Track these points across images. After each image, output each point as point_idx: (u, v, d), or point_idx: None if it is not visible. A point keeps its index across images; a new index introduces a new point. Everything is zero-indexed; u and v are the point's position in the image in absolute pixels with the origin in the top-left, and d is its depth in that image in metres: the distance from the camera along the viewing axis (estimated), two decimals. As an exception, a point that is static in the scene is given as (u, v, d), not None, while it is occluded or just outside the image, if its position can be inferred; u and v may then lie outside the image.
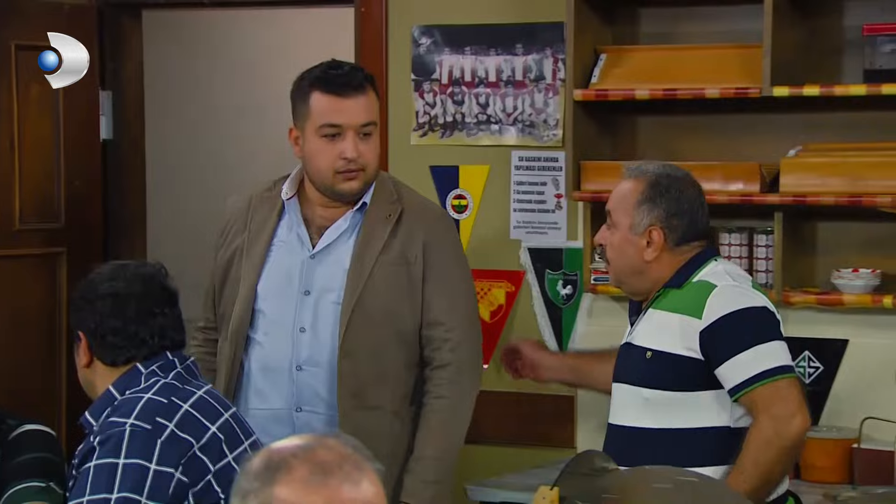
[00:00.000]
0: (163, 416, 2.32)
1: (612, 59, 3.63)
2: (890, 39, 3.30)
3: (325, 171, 2.81)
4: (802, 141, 3.48)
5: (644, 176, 2.73)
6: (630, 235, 2.70)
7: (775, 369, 2.57)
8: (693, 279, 2.68)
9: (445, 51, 3.92)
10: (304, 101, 2.82)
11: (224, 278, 2.94)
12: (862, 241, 3.48)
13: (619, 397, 2.73)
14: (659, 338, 2.66)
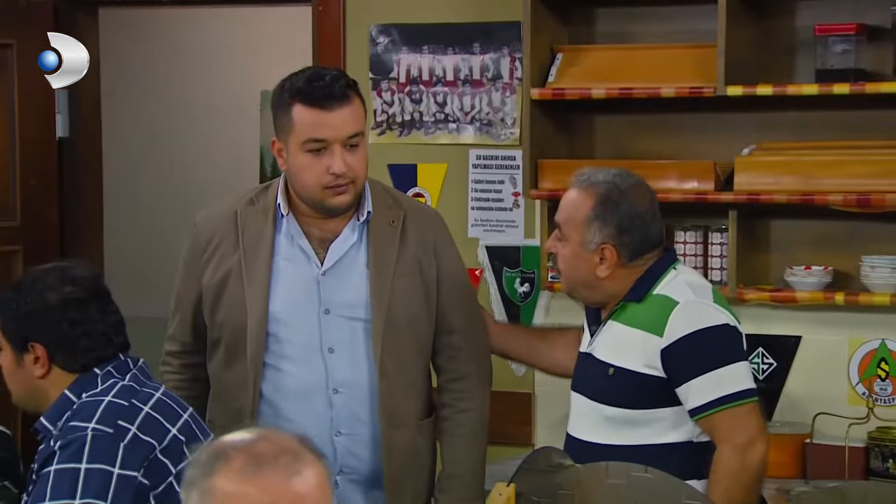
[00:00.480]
0: (124, 420, 2.31)
1: (569, 58, 3.65)
2: (841, 40, 3.34)
3: (312, 187, 2.63)
4: (756, 140, 3.52)
5: (594, 188, 2.64)
6: (581, 251, 2.63)
7: (736, 394, 2.52)
8: (653, 291, 2.61)
9: (403, 50, 3.93)
10: (286, 113, 2.63)
11: (216, 302, 2.71)
12: (814, 239, 3.52)
13: (577, 408, 2.68)
14: (621, 354, 2.60)
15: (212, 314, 2.72)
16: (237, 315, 2.67)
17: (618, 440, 2.57)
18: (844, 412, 3.33)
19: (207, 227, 2.76)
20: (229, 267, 2.70)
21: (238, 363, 2.68)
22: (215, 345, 2.73)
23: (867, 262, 3.39)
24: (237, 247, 2.69)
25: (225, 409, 2.71)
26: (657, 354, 2.55)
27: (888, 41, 3.35)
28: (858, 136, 3.44)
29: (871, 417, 3.31)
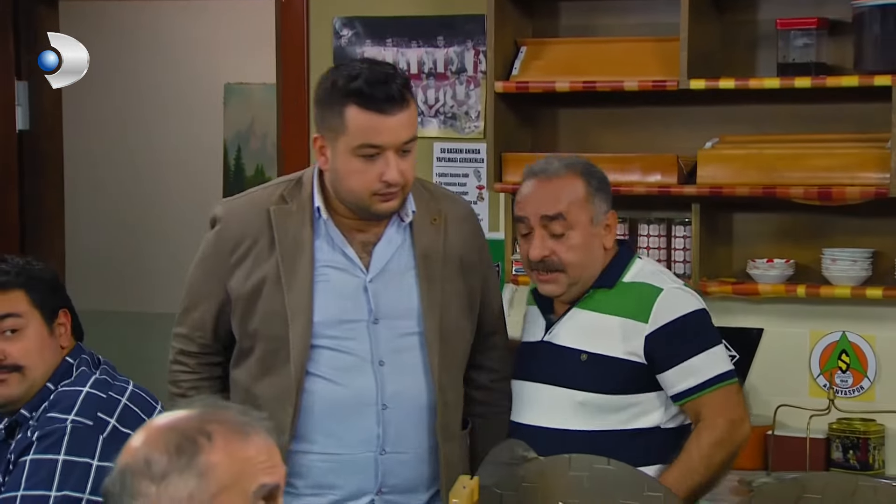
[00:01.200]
0: (104, 412, 2.34)
1: (533, 51, 3.66)
2: (802, 34, 3.36)
3: (360, 192, 2.44)
4: (719, 133, 3.53)
5: (568, 169, 2.61)
6: (591, 229, 2.59)
7: (724, 374, 2.54)
8: (623, 279, 2.60)
9: (367, 43, 3.92)
10: (338, 113, 2.42)
11: (248, 310, 2.50)
12: (776, 232, 3.55)
13: (538, 398, 2.61)
14: (594, 340, 2.57)
15: (243, 322, 2.51)
16: (275, 325, 2.47)
17: (587, 426, 2.56)
18: (806, 404, 3.35)
19: (236, 225, 2.53)
20: (265, 273, 2.49)
21: (275, 375, 2.49)
22: (245, 354, 2.53)
23: (828, 254, 3.42)
24: (272, 251, 2.49)
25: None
26: (640, 341, 2.54)
27: (848, 35, 3.37)
28: (820, 130, 3.46)
29: (832, 409, 3.34)
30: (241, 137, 5.70)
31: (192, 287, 2.59)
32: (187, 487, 1.52)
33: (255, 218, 2.52)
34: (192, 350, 2.59)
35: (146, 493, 1.53)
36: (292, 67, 4.01)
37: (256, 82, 5.53)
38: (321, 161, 2.48)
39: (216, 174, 5.72)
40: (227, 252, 2.52)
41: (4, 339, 2.44)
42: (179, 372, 2.58)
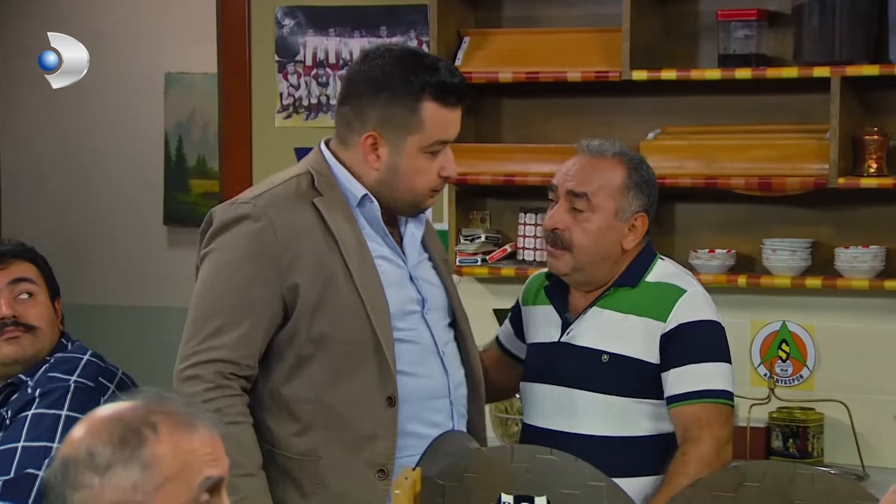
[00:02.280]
0: (104, 378, 2.48)
1: (476, 41, 3.65)
2: (743, 25, 3.39)
3: (422, 190, 2.34)
4: (661, 124, 3.55)
5: (619, 157, 2.53)
6: (614, 221, 2.50)
7: (724, 392, 2.47)
8: (646, 278, 2.53)
9: (309, 32, 3.89)
10: (411, 109, 2.29)
11: (317, 312, 2.30)
12: (718, 223, 3.57)
13: (557, 401, 2.54)
14: (616, 341, 2.50)
15: (309, 326, 2.29)
16: (352, 323, 2.30)
17: (608, 430, 2.48)
18: (747, 393, 3.38)
19: (283, 220, 2.30)
20: (331, 270, 2.30)
21: (353, 379, 2.32)
22: (302, 363, 2.31)
23: (768, 244, 3.45)
24: (331, 245, 2.30)
25: (338, 435, 2.31)
26: (657, 340, 2.46)
27: (788, 27, 3.40)
28: (760, 121, 3.49)
29: (773, 398, 3.37)
30: (182, 127, 5.65)
31: (229, 300, 2.28)
32: (131, 479, 1.51)
33: (301, 212, 2.31)
34: (240, 373, 2.29)
35: (89, 485, 1.51)
36: (234, 57, 3.97)
37: (198, 72, 5.48)
38: (371, 160, 2.32)
39: (157, 163, 5.66)
40: (277, 253, 2.28)
41: (20, 302, 2.57)
42: (222, 398, 2.27)
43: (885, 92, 3.37)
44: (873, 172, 3.29)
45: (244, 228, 2.30)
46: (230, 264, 2.30)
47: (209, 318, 2.28)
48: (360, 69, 2.36)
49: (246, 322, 2.28)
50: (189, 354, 2.28)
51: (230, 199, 2.39)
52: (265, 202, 2.31)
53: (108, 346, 5.15)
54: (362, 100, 2.33)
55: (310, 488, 2.33)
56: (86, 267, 5.73)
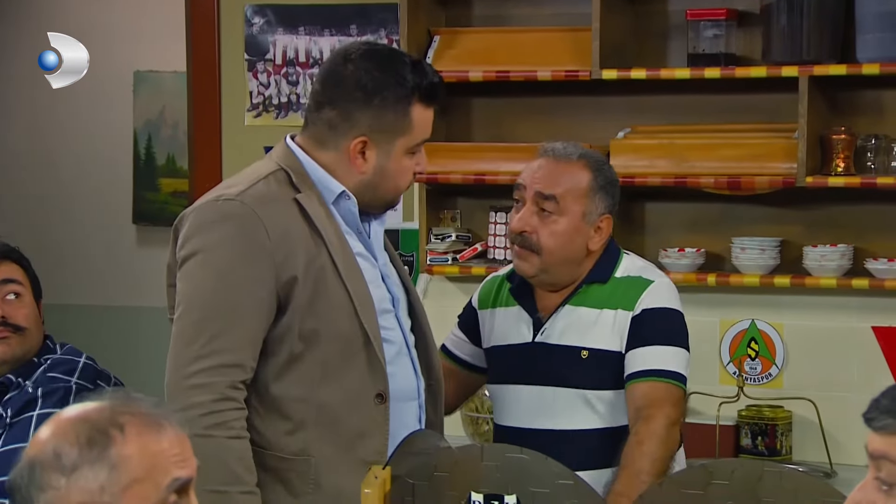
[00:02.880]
0: (101, 381, 2.53)
1: (446, 40, 3.65)
2: (712, 24, 3.40)
3: (402, 189, 2.37)
4: (630, 123, 3.56)
5: (584, 159, 2.56)
6: (581, 224, 2.53)
7: (679, 375, 2.50)
8: (615, 274, 2.56)
9: (279, 31, 3.88)
10: (402, 112, 2.29)
11: (310, 309, 2.27)
12: (687, 221, 3.58)
13: (538, 400, 2.54)
14: (592, 336, 2.53)
15: (301, 323, 2.26)
16: (341, 321, 2.27)
17: (596, 423, 2.51)
18: (716, 391, 3.40)
19: (271, 217, 2.25)
20: (320, 265, 2.27)
21: (343, 377, 2.29)
22: (293, 361, 2.27)
23: (737, 243, 3.46)
24: (318, 242, 2.28)
25: (330, 433, 2.29)
26: (627, 327, 2.51)
27: (757, 26, 3.42)
28: (729, 120, 3.50)
29: (742, 396, 3.39)
30: (151, 126, 5.62)
31: (229, 300, 2.23)
32: (98, 480, 1.50)
33: (286, 209, 2.27)
34: (242, 379, 2.23)
35: (56, 486, 1.50)
36: (203, 55, 3.96)
37: (167, 70, 5.46)
38: (358, 164, 2.30)
39: (126, 161, 5.63)
40: (271, 250, 2.24)
41: (7, 302, 2.59)
42: (229, 411, 2.21)
43: (853, 91, 3.39)
44: (841, 171, 3.31)
45: (234, 226, 2.25)
46: (225, 264, 2.24)
47: (210, 320, 2.22)
48: (343, 72, 2.32)
49: (247, 321, 2.23)
50: (193, 359, 2.21)
51: (209, 197, 2.33)
52: (252, 199, 2.26)
53: (79, 345, 5.11)
54: (351, 105, 2.31)
55: (301, 488, 2.30)
56: (55, 266, 5.69)
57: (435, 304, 3.79)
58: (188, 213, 2.32)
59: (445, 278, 3.77)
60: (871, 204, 3.39)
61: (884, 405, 1.51)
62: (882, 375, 3.39)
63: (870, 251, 3.39)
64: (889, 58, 3.21)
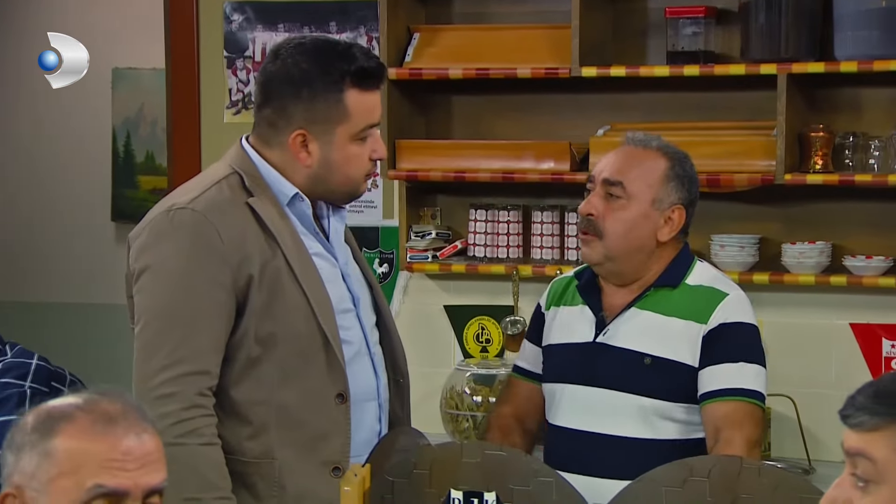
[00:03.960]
0: (56, 382, 2.48)
1: (426, 38, 3.65)
2: (691, 22, 3.40)
3: (357, 178, 2.33)
4: (610, 120, 3.56)
5: (663, 149, 2.52)
6: (650, 210, 2.46)
7: (758, 393, 2.45)
8: (686, 280, 2.50)
9: (258, 27, 3.87)
10: (335, 101, 2.28)
11: (266, 312, 2.27)
12: (666, 219, 3.58)
13: (593, 403, 2.48)
14: (658, 343, 2.46)
15: (259, 327, 2.25)
16: (298, 322, 2.27)
17: (649, 433, 2.45)
18: (695, 388, 3.40)
19: (225, 223, 2.25)
20: (275, 268, 2.26)
21: (302, 378, 2.29)
22: (252, 365, 2.26)
23: (717, 240, 3.47)
24: (273, 245, 2.27)
25: (292, 435, 2.28)
26: (699, 342, 2.43)
27: (736, 24, 3.43)
28: (708, 118, 3.51)
29: (721, 392, 3.39)
30: (130, 123, 5.60)
31: (190, 307, 2.23)
32: (31, 464, 1.53)
33: (239, 213, 2.27)
34: (209, 386, 2.23)
35: (6, 463, 1.55)
36: (182, 52, 3.94)
37: (146, 67, 5.43)
38: (302, 157, 2.30)
39: (104, 158, 5.61)
40: (226, 255, 2.24)
41: None
42: (198, 418, 2.21)
43: (831, 89, 3.40)
44: (819, 169, 3.32)
45: (187, 235, 2.25)
46: (180, 272, 2.24)
47: (171, 329, 2.22)
48: (273, 68, 2.32)
49: (209, 327, 2.23)
50: (158, 370, 2.21)
51: (161, 208, 2.32)
52: (203, 206, 2.27)
53: (57, 343, 5.10)
54: (284, 100, 2.30)
55: (265, 491, 2.29)
56: (33, 264, 5.67)
57: (415, 301, 3.80)
58: (142, 227, 2.33)
59: (425, 276, 3.77)
60: (850, 201, 3.41)
61: (859, 402, 1.52)
62: (860, 372, 3.40)
63: (848, 248, 3.40)
64: (867, 56, 3.23)
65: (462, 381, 3.45)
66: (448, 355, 3.73)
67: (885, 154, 3.30)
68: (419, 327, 3.77)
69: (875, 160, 3.32)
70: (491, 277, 3.61)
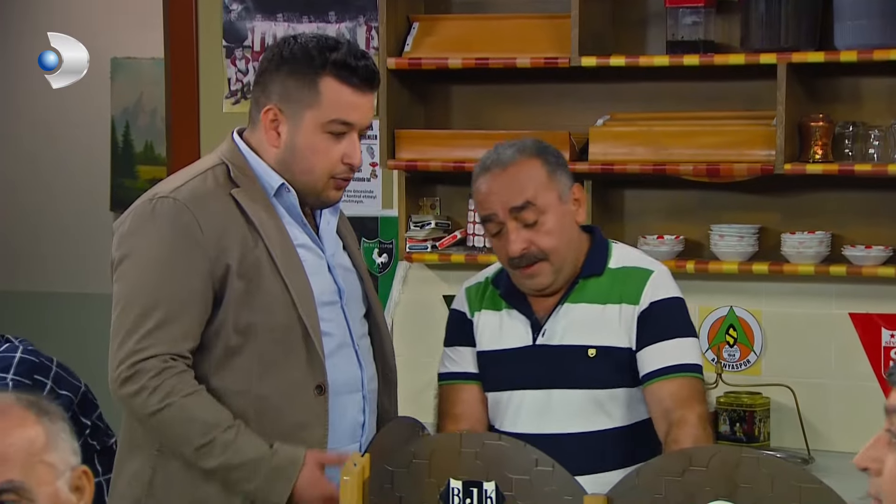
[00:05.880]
0: (40, 375, 2.46)
1: (425, 27, 3.64)
2: (691, 11, 3.40)
3: (319, 173, 2.32)
4: (609, 110, 3.56)
5: (524, 151, 2.46)
6: (562, 206, 2.45)
7: (695, 366, 2.44)
8: (609, 264, 2.48)
9: (257, 17, 3.87)
10: (310, 83, 2.30)
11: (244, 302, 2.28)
12: (666, 209, 3.59)
13: (545, 405, 2.46)
14: (598, 333, 2.44)
15: (237, 317, 2.27)
16: (278, 313, 2.28)
17: (610, 423, 2.44)
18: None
19: (207, 212, 2.28)
20: (255, 259, 2.28)
21: (283, 369, 2.30)
22: (232, 354, 2.29)
23: (716, 230, 3.47)
24: (255, 235, 2.29)
25: (270, 425, 2.29)
26: (634, 323, 2.43)
27: (736, 14, 3.42)
28: (708, 107, 3.50)
29: (720, 383, 3.40)
30: (129, 113, 5.59)
31: (167, 293, 2.25)
32: None
33: (221, 204, 2.29)
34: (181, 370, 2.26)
35: None
36: (181, 42, 3.94)
37: (145, 57, 5.43)
38: (271, 136, 2.32)
39: (103, 149, 5.60)
40: (204, 244, 2.26)
41: None
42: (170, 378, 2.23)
43: (831, 78, 3.40)
44: (819, 159, 3.32)
45: (166, 224, 2.27)
46: (160, 259, 2.27)
47: (146, 315, 2.25)
48: (269, 55, 2.38)
49: (186, 314, 2.25)
50: (130, 353, 2.24)
51: (145, 197, 2.34)
52: (185, 196, 2.29)
53: (55, 333, 5.10)
54: (266, 75, 2.34)
55: None
56: (32, 254, 5.67)
57: (414, 291, 3.80)
58: (126, 216, 2.35)
59: (425, 266, 3.77)
60: (849, 191, 3.41)
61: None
62: (859, 362, 3.41)
63: (847, 238, 3.40)
64: (867, 45, 3.22)
65: (461, 371, 3.45)
66: (447, 345, 3.73)
67: (884, 144, 3.30)
68: (418, 317, 3.77)
69: (875, 150, 3.32)
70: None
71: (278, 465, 2.26)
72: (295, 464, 2.26)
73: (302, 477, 2.27)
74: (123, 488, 2.37)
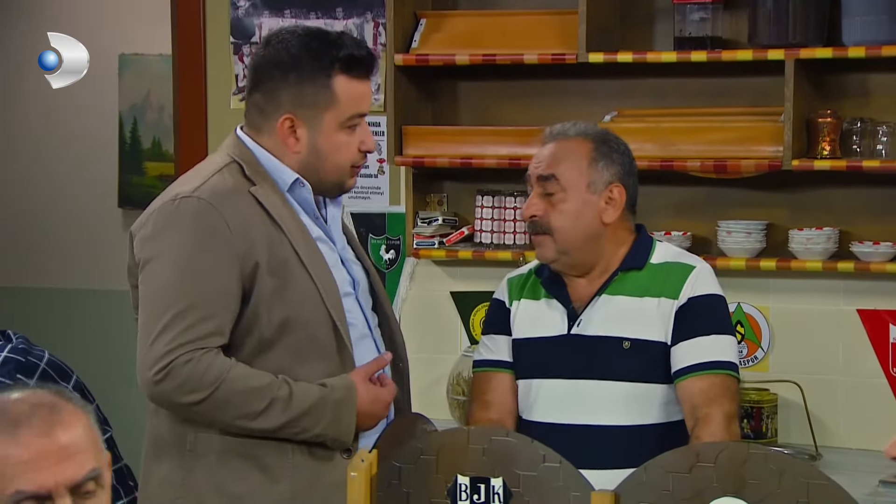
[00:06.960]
0: (24, 374, 2.40)
1: (432, 24, 3.64)
2: (699, 7, 3.40)
3: (343, 167, 2.35)
4: (617, 106, 3.56)
5: (584, 134, 2.52)
6: (588, 195, 2.46)
7: (731, 364, 2.44)
8: (651, 260, 2.50)
9: (265, 13, 3.87)
10: (323, 86, 2.30)
11: (276, 298, 2.30)
12: (673, 205, 3.58)
13: (576, 395, 2.46)
14: (634, 325, 2.45)
15: (269, 313, 2.29)
16: (308, 309, 2.31)
17: (637, 419, 2.44)
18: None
19: (233, 211, 2.28)
20: (283, 255, 2.30)
21: (314, 361, 2.33)
22: (266, 347, 2.30)
23: (724, 226, 3.47)
24: (280, 232, 2.31)
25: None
26: (672, 317, 2.44)
27: (743, 9, 3.42)
28: (715, 103, 3.50)
29: (728, 379, 3.39)
30: (136, 109, 5.60)
31: (200, 293, 2.24)
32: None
33: (243, 200, 2.30)
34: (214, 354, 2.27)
35: None
36: (189, 38, 3.95)
37: (152, 53, 5.43)
38: (291, 143, 2.33)
39: (111, 145, 5.61)
40: (232, 242, 2.27)
41: None
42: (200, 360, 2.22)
43: (839, 74, 3.39)
44: (826, 155, 3.31)
45: (193, 223, 2.27)
46: (190, 259, 2.26)
47: (177, 315, 2.24)
48: (263, 54, 2.36)
49: (217, 313, 2.25)
50: (162, 355, 2.23)
51: (165, 197, 2.34)
52: (208, 195, 2.29)
53: (62, 329, 5.11)
54: (273, 84, 2.33)
55: (280, 473, 2.33)
56: (40, 250, 5.68)
57: (421, 287, 3.80)
58: (146, 218, 2.35)
59: (432, 262, 3.77)
60: (857, 187, 3.40)
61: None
62: (867, 358, 3.40)
63: (855, 234, 3.40)
64: (875, 41, 3.22)
65: (468, 368, 3.44)
66: (454, 341, 3.74)
67: (892, 140, 3.30)
68: (426, 313, 3.77)
69: (883, 146, 3.31)
70: (497, 264, 3.61)
71: (339, 398, 2.30)
72: (351, 390, 2.31)
73: (361, 398, 2.32)
74: (155, 491, 2.36)
